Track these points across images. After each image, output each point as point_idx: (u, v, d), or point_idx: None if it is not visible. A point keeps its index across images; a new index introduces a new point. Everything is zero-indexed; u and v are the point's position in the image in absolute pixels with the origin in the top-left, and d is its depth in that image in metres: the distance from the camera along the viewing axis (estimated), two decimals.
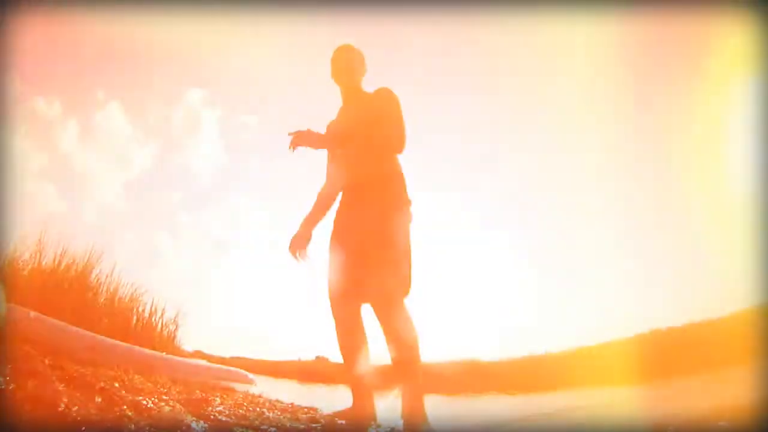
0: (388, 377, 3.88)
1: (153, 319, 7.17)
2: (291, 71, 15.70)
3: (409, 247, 3.47)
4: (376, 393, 3.93)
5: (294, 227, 3.56)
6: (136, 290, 7.19)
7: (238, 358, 15.75)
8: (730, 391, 6.68)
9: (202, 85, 16.22)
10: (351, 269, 3.60)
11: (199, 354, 12.01)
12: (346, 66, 3.70)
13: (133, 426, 2.77)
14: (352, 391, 3.70)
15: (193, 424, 3.12)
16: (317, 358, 14.60)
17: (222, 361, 14.63)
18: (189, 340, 8.59)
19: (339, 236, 3.70)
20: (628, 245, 14.92)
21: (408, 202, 3.60)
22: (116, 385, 3.76)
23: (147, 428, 2.80)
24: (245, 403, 4.53)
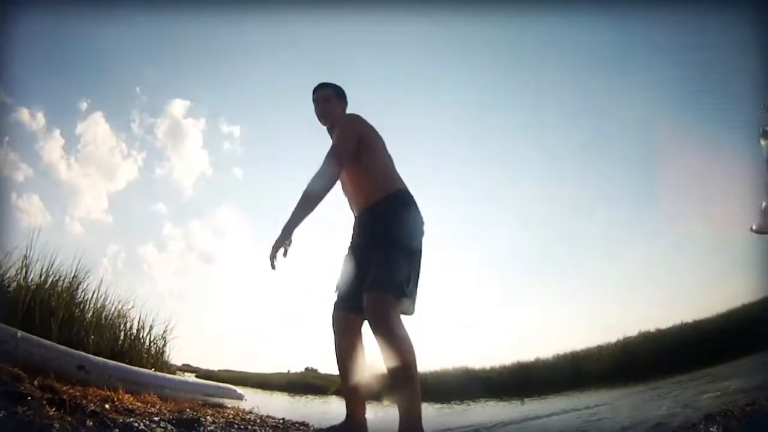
0: (384, 387, 3.90)
1: (141, 334, 7.08)
2: (275, 82, 15.80)
3: (404, 248, 3.47)
4: (370, 403, 3.94)
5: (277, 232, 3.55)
6: (123, 305, 7.11)
7: (227, 370, 15.63)
8: (722, 389, 6.83)
9: (185, 96, 16.22)
10: (345, 275, 3.70)
11: (187, 368, 11.91)
12: (322, 112, 3.87)
13: None
14: (346, 402, 3.72)
15: None
16: (307, 369, 14.57)
17: (211, 374, 14.54)
18: (178, 353, 8.52)
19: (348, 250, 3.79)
20: (615, 250, 15.20)
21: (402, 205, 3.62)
22: (107, 406, 3.74)
23: None
24: (236, 421, 4.52)
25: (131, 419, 3.35)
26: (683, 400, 7.00)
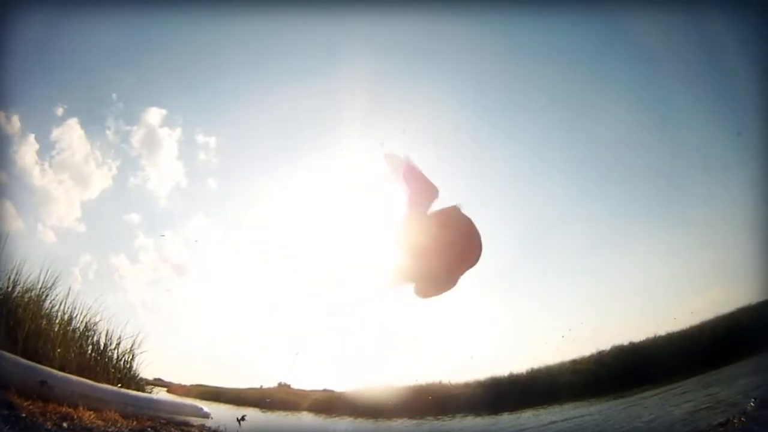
0: None
1: (108, 348, 6.98)
2: (252, 93, 15.92)
3: None
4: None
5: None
6: (92, 317, 6.98)
7: (200, 385, 15.47)
8: (695, 401, 7.06)
9: (162, 104, 16.27)
10: None
11: (159, 382, 11.74)
12: None
13: None
14: None
15: None
16: (280, 385, 14.47)
17: (182, 388, 14.36)
18: (149, 367, 8.41)
19: None
20: (588, 264, 15.47)
21: None
22: (65, 425, 3.74)
23: None
24: None
25: None
26: (656, 412, 7.23)
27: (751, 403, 4.82)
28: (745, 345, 9.52)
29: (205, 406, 7.33)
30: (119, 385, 6.26)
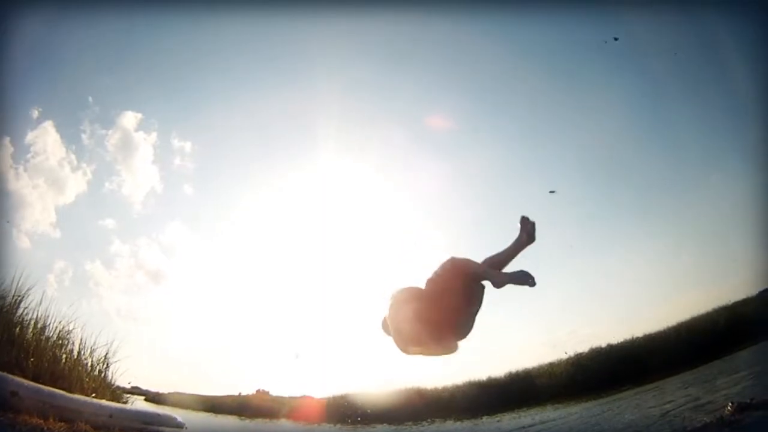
0: None
1: (82, 357, 6.91)
2: (228, 99, 15.93)
3: None
4: None
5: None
6: (66, 325, 6.89)
7: (177, 393, 15.30)
8: (672, 402, 7.23)
9: (137, 108, 16.15)
10: None
11: (136, 390, 11.62)
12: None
13: None
14: None
15: None
16: (258, 391, 14.42)
17: (160, 397, 14.20)
18: (126, 375, 8.33)
19: None
20: (567, 267, 15.73)
21: None
22: None
23: None
24: None
25: None
26: (634, 413, 7.39)
27: (728, 408, 4.90)
28: (721, 345, 9.84)
29: (183, 414, 7.30)
30: (93, 394, 6.21)
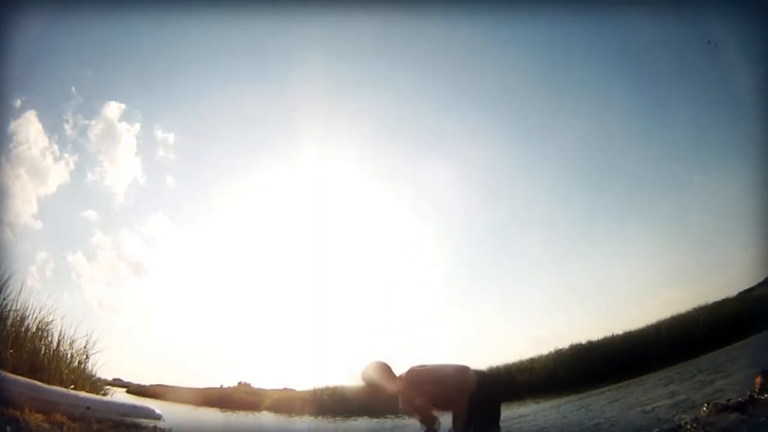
0: None
1: (61, 348, 6.95)
2: (213, 90, 15.88)
3: None
4: None
5: None
6: (45, 317, 6.92)
7: (159, 385, 15.36)
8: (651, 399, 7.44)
9: (121, 98, 16.02)
10: None
11: (118, 382, 11.66)
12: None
13: None
14: None
15: None
16: (240, 384, 14.53)
17: (142, 389, 14.26)
18: (108, 367, 8.36)
19: None
20: (548, 263, 15.98)
21: None
22: (8, 428, 3.82)
23: None
24: None
25: None
26: (610, 410, 7.59)
27: (704, 409, 4.90)
28: (700, 343, 10.10)
29: (165, 407, 7.39)
30: (72, 386, 6.27)
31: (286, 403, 12.87)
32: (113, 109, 16.11)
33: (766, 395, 4.60)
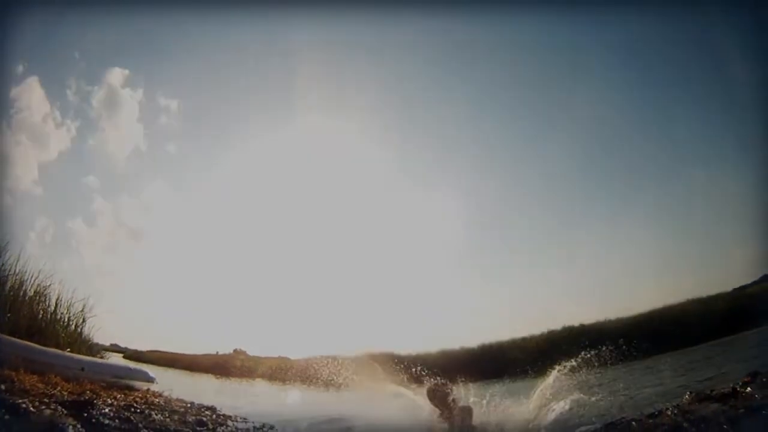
0: None
1: (59, 313, 7.09)
2: (217, 58, 15.63)
3: None
4: None
5: None
6: (43, 282, 7.04)
7: (155, 351, 15.67)
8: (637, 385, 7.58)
9: (124, 64, 15.79)
10: None
11: (115, 347, 11.91)
12: None
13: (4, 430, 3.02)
14: None
15: (69, 429, 3.39)
16: (235, 351, 14.78)
17: (139, 354, 14.55)
18: (106, 333, 8.53)
19: None
20: (544, 246, 16.08)
21: None
22: (3, 387, 3.94)
23: None
24: (136, 404, 4.75)
25: (21, 400, 3.59)
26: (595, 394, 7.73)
27: (686, 397, 5.05)
28: (688, 335, 10.23)
29: (160, 372, 7.56)
30: (68, 349, 6.43)
31: (280, 372, 13.17)
32: (116, 75, 15.97)
33: (748, 389, 4.67)
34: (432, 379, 7.03)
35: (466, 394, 7.46)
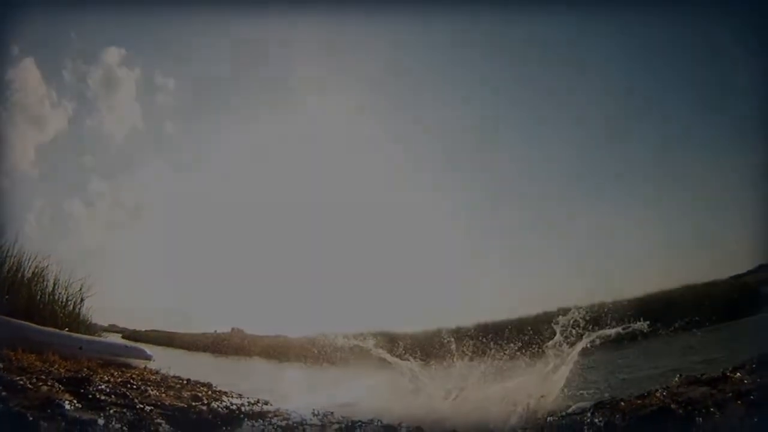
0: None
1: (57, 293, 7.16)
2: (215, 35, 15.39)
3: None
4: None
5: None
6: (41, 263, 7.09)
7: (153, 331, 15.90)
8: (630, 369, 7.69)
9: (121, 43, 15.57)
10: None
11: (114, 327, 12.05)
12: None
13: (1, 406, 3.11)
14: None
15: (66, 405, 3.48)
16: (233, 330, 14.93)
17: (137, 334, 14.76)
18: (105, 313, 8.61)
19: None
20: (541, 228, 16.16)
21: None
22: (1, 365, 4.03)
23: (16, 408, 3.14)
24: (132, 381, 4.85)
25: (18, 377, 3.68)
26: (590, 376, 7.83)
27: (676, 379, 5.05)
28: (685, 321, 10.34)
29: (158, 350, 7.69)
30: (67, 329, 6.52)
31: (278, 350, 13.36)
32: (113, 54, 15.78)
33: (738, 374, 4.71)
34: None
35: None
